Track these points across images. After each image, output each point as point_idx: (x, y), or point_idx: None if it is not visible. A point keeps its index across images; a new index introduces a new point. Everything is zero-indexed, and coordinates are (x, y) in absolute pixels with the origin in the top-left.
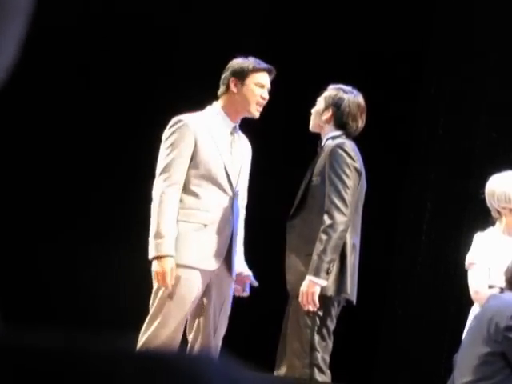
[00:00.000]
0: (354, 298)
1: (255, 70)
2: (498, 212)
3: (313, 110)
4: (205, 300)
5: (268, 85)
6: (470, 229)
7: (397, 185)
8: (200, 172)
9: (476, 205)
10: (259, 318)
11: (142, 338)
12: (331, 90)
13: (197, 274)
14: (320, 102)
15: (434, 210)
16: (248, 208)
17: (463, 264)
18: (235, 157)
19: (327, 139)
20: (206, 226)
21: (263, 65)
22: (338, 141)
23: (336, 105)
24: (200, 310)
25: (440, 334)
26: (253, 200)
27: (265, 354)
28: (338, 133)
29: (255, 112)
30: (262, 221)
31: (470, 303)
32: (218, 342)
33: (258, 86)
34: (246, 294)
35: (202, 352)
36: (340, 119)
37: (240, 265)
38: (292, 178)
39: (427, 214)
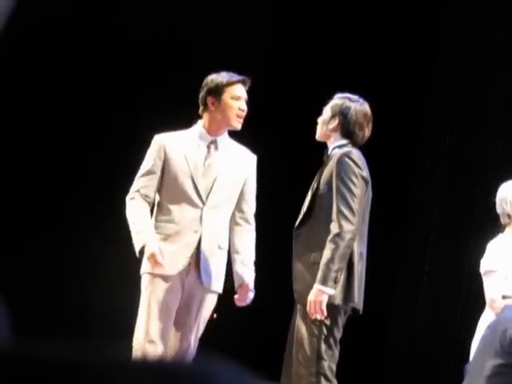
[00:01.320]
0: (360, 307)
1: (229, 83)
2: (509, 216)
3: (319, 119)
4: (179, 310)
5: (244, 95)
6: (477, 237)
7: (403, 193)
8: (171, 188)
9: (483, 213)
10: (266, 327)
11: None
12: (337, 99)
13: (159, 280)
14: (326, 111)
15: (441, 218)
16: (255, 216)
17: (470, 273)
18: (210, 168)
19: (334, 148)
20: (169, 236)
21: (236, 77)
22: (344, 149)
23: (342, 114)
24: (175, 320)
25: (447, 343)
26: (260, 209)
27: (271, 362)
28: (345, 141)
29: (236, 124)
30: (268, 229)
31: (478, 312)
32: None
33: (235, 99)
34: (246, 303)
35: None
36: (347, 128)
37: (242, 276)
38: (298, 187)
39: (434, 223)
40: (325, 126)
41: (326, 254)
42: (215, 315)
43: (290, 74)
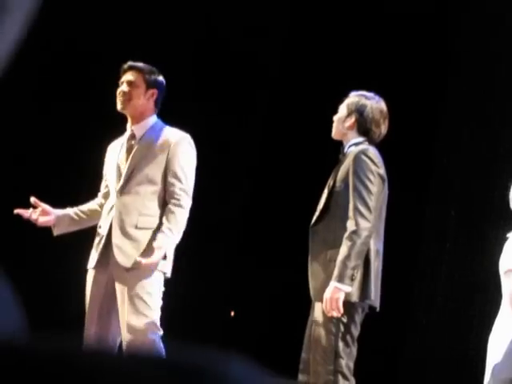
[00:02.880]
0: (377, 305)
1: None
2: None
3: (335, 118)
4: (113, 297)
5: (127, 78)
6: (495, 235)
7: (420, 191)
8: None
9: (500, 211)
10: (283, 324)
11: None
12: (353, 97)
13: (88, 274)
14: (342, 109)
15: (459, 216)
16: (272, 214)
17: (488, 270)
18: (124, 158)
19: (350, 146)
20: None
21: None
22: (361, 147)
23: (359, 111)
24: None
25: (464, 341)
26: (276, 206)
27: (289, 360)
28: (361, 139)
29: (117, 106)
30: (285, 227)
31: (496, 308)
32: (125, 336)
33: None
34: (148, 265)
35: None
36: (363, 125)
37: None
38: (315, 185)
39: (451, 221)
40: (341, 124)
41: (343, 251)
42: (232, 313)
43: (304, 73)
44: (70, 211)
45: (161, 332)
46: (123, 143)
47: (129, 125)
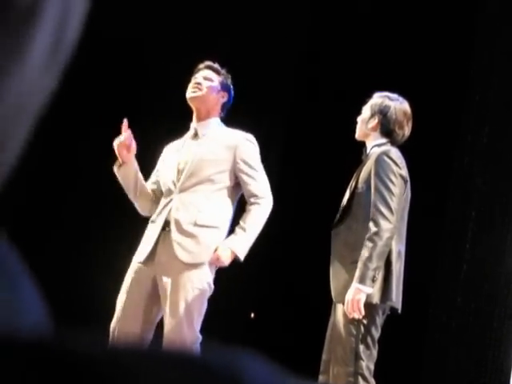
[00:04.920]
0: (399, 306)
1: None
2: None
3: (359, 119)
4: (156, 293)
5: (205, 74)
6: None
7: (442, 192)
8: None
9: None
10: (304, 325)
11: None
12: (377, 98)
13: (132, 266)
14: (366, 110)
15: (479, 218)
16: (294, 215)
17: (509, 271)
18: (185, 156)
19: (373, 147)
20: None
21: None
22: (383, 148)
23: (382, 112)
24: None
25: (485, 342)
26: (298, 208)
27: (309, 361)
28: (384, 140)
29: (188, 94)
30: (307, 228)
31: None
32: (168, 334)
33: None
34: (217, 264)
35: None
36: (386, 127)
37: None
38: (337, 186)
39: (471, 223)
40: (364, 124)
41: (364, 252)
42: (252, 314)
43: (328, 74)
44: (139, 174)
45: (199, 338)
46: (185, 141)
47: (192, 123)
